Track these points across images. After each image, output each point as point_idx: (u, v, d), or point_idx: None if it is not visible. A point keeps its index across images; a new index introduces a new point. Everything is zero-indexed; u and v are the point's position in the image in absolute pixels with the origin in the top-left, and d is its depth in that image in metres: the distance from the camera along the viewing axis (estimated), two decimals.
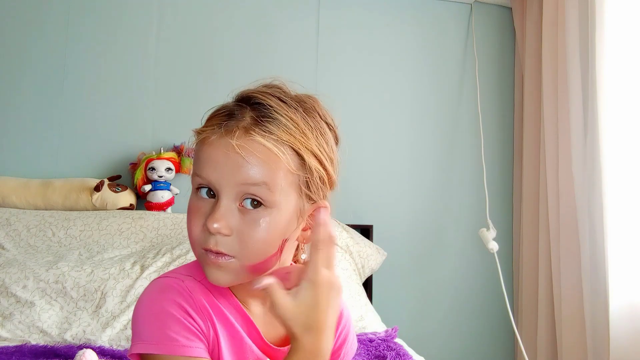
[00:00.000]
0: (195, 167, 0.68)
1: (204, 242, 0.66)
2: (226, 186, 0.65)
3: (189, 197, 0.70)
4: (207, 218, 0.65)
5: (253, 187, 0.65)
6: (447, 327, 2.33)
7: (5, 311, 1.46)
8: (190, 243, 0.69)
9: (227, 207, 0.65)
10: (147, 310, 0.67)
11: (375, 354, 1.41)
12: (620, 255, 1.73)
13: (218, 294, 0.71)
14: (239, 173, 0.64)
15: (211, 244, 0.65)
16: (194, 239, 0.67)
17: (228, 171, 0.65)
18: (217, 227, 0.64)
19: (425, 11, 2.42)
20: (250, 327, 0.72)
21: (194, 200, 0.68)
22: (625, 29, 1.78)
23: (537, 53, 2.25)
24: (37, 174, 2.01)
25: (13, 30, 2.08)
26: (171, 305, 0.66)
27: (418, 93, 2.39)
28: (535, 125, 2.26)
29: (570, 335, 1.91)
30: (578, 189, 1.91)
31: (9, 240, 1.74)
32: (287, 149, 0.66)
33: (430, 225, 2.35)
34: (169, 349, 0.64)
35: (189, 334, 0.65)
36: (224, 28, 2.25)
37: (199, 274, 0.71)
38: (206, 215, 0.66)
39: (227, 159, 0.65)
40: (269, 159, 0.65)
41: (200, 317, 0.67)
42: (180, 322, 0.65)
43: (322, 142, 0.70)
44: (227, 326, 0.70)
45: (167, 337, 0.64)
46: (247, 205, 0.65)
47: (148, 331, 0.65)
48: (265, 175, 0.65)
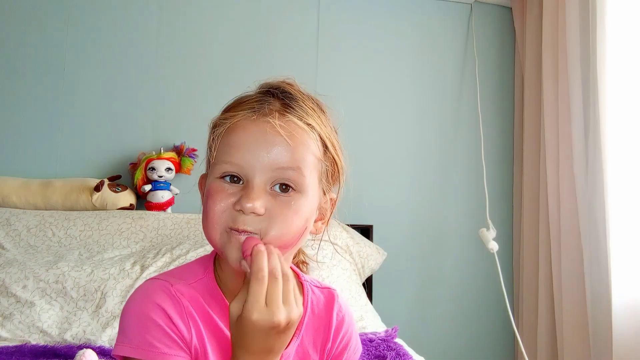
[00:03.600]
0: (221, 154, 0.67)
1: (231, 222, 0.65)
2: (260, 169, 0.65)
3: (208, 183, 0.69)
4: (239, 198, 0.65)
5: (288, 171, 0.66)
6: (447, 327, 2.33)
7: (5, 311, 1.46)
8: (208, 224, 0.67)
9: (261, 188, 0.65)
10: (131, 312, 0.67)
11: (375, 354, 1.41)
12: (623, 255, 1.73)
13: (209, 297, 0.70)
14: (277, 155, 0.65)
15: (240, 223, 0.64)
16: (216, 219, 0.66)
17: (264, 153, 0.65)
18: (253, 206, 0.64)
19: (425, 11, 2.42)
20: None
21: (217, 183, 0.67)
22: (625, 29, 1.78)
23: (537, 53, 2.25)
24: (37, 174, 2.01)
25: (13, 30, 2.08)
26: (154, 310, 0.66)
27: (418, 93, 2.39)
28: (535, 125, 2.26)
29: (571, 336, 1.91)
30: (579, 189, 1.91)
31: (9, 240, 1.74)
32: (315, 134, 0.69)
33: (430, 225, 2.35)
34: (147, 354, 0.64)
35: (170, 341, 0.65)
36: (224, 28, 2.25)
37: (191, 277, 0.71)
38: (233, 196, 0.65)
39: (264, 140, 0.65)
40: (303, 141, 0.67)
41: (185, 323, 0.67)
42: (161, 329, 0.65)
43: (335, 135, 0.73)
44: (214, 331, 0.69)
45: (146, 343, 0.65)
46: (277, 189, 0.66)
47: (130, 334, 0.66)
48: (299, 158, 0.66)
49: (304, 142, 0.67)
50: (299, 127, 0.67)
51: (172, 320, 0.66)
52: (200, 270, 0.73)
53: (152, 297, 0.67)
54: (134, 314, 0.67)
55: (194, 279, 0.70)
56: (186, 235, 1.81)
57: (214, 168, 0.68)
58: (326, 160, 0.71)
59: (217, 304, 0.70)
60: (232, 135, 0.67)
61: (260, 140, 0.65)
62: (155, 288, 0.68)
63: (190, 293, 0.69)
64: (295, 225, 0.67)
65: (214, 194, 0.67)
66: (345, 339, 0.79)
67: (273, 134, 0.65)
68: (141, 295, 0.68)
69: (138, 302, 0.68)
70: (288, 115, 0.67)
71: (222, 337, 0.69)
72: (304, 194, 0.67)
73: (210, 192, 0.67)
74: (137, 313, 0.67)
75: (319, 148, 0.69)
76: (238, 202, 0.65)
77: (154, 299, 0.67)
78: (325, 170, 0.71)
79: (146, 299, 0.67)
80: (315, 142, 0.69)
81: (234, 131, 0.67)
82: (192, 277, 0.71)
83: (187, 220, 1.87)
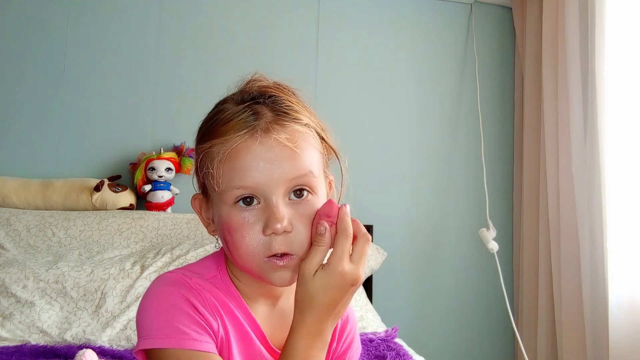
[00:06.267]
0: (230, 181, 0.64)
1: (268, 250, 0.64)
2: (275, 186, 0.64)
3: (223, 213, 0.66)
4: (265, 222, 0.63)
5: (303, 178, 0.65)
6: (447, 327, 2.33)
7: (5, 311, 1.46)
8: (242, 258, 0.65)
9: (282, 203, 0.64)
10: (154, 303, 0.65)
11: (375, 354, 1.41)
12: (620, 255, 1.73)
13: (228, 294, 0.69)
14: (289, 166, 0.64)
15: (276, 247, 0.63)
16: (251, 251, 0.64)
17: (277, 170, 0.63)
18: (282, 226, 0.63)
19: (425, 11, 2.42)
20: (256, 330, 0.70)
21: (236, 214, 0.64)
22: (625, 29, 1.78)
23: (537, 53, 2.25)
24: (37, 174, 2.01)
25: (13, 30, 2.08)
26: (179, 299, 0.64)
27: (418, 93, 2.39)
28: (535, 125, 2.26)
29: (571, 336, 1.91)
30: (578, 189, 1.91)
31: (9, 240, 1.74)
32: (312, 131, 0.68)
33: (430, 225, 2.35)
34: (177, 342, 0.61)
35: (199, 327, 0.63)
36: (224, 28, 2.24)
37: (207, 273, 0.69)
38: (257, 223, 0.64)
39: (273, 156, 0.63)
40: (308, 144, 0.66)
41: (210, 314, 0.65)
42: (189, 316, 0.63)
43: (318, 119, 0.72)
44: (237, 327, 0.68)
45: (175, 330, 0.62)
46: (293, 197, 0.65)
47: (155, 325, 0.63)
48: (310, 161, 0.66)
49: (308, 145, 0.66)
50: (301, 132, 0.66)
51: (198, 310, 0.64)
52: (214, 268, 0.71)
53: (173, 286, 0.65)
54: (159, 305, 0.64)
55: (208, 275, 0.69)
56: (186, 235, 1.81)
57: (224, 196, 0.65)
58: (325, 150, 0.71)
59: (233, 300, 0.69)
60: (236, 159, 0.63)
61: (268, 157, 0.63)
62: (175, 279, 0.67)
63: (209, 287, 0.68)
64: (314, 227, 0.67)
65: (237, 229, 0.64)
66: (349, 338, 0.79)
67: (280, 148, 0.63)
68: (161, 287, 0.66)
69: (159, 293, 0.65)
70: (286, 123, 0.65)
71: (243, 332, 0.68)
72: (317, 194, 0.67)
73: (232, 225, 0.64)
74: (161, 303, 0.64)
75: (319, 142, 0.69)
76: (266, 227, 0.63)
77: (177, 289, 0.65)
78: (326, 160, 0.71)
79: (168, 289, 0.65)
80: (314, 138, 0.68)
81: (236, 156, 0.63)
82: (207, 273, 0.69)
83: (187, 220, 1.87)
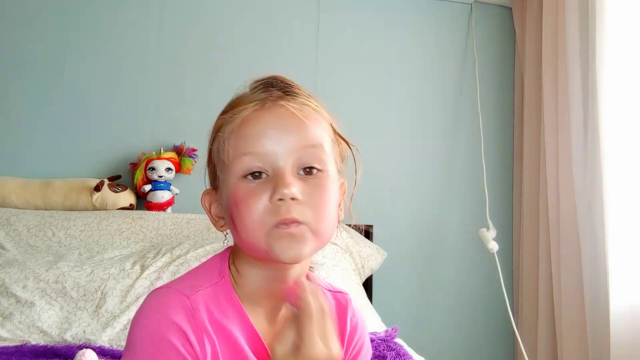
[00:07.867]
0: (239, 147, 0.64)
1: (275, 216, 0.61)
2: (284, 153, 0.63)
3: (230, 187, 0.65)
4: (273, 189, 0.62)
5: (311, 149, 0.64)
6: (447, 327, 2.33)
7: (5, 311, 1.46)
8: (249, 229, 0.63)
9: (291, 172, 0.63)
10: (143, 328, 0.64)
11: (375, 354, 1.40)
12: (621, 255, 1.73)
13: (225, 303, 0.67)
14: (298, 135, 0.64)
15: (284, 212, 0.61)
16: (257, 221, 0.62)
17: (285, 136, 0.64)
18: (290, 192, 0.61)
19: (425, 11, 2.42)
20: (256, 342, 0.68)
21: (243, 186, 0.63)
22: (625, 29, 1.78)
23: (537, 53, 2.25)
24: (37, 174, 2.01)
25: (13, 30, 2.08)
26: (171, 329, 0.62)
27: (418, 93, 2.39)
28: (535, 125, 2.26)
29: (571, 336, 1.91)
30: (578, 189, 1.91)
31: (9, 240, 1.74)
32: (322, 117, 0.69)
33: (430, 225, 2.35)
34: None
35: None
36: (224, 28, 2.25)
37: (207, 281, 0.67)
38: (265, 192, 0.62)
39: (282, 123, 0.64)
40: (318, 121, 0.67)
41: (199, 340, 0.63)
42: (176, 351, 0.61)
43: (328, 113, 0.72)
44: (230, 344, 0.66)
45: None
46: (302, 173, 0.65)
47: (140, 352, 0.62)
48: (319, 135, 0.66)
49: (319, 122, 0.67)
50: (311, 108, 0.67)
51: (189, 339, 0.62)
52: (215, 274, 0.69)
53: (167, 312, 0.63)
54: (149, 333, 0.63)
55: (209, 282, 0.67)
56: (186, 235, 1.81)
57: (233, 165, 0.64)
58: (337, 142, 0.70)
59: (234, 310, 0.67)
60: (246, 127, 0.65)
61: (278, 124, 0.64)
62: (170, 301, 0.64)
63: (205, 304, 0.65)
64: (331, 205, 0.66)
65: (244, 197, 0.63)
66: (358, 344, 0.78)
67: (289, 116, 0.64)
68: (156, 310, 0.64)
69: (153, 318, 0.64)
70: (297, 98, 0.67)
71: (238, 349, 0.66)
72: (329, 174, 0.66)
73: (238, 196, 0.63)
74: (152, 332, 0.63)
75: (330, 130, 0.69)
76: (273, 193, 0.61)
77: (170, 316, 0.63)
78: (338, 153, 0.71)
79: (159, 314, 0.63)
80: (325, 123, 0.69)
81: (246, 124, 0.65)
82: (208, 280, 0.67)
83: (187, 220, 1.87)
